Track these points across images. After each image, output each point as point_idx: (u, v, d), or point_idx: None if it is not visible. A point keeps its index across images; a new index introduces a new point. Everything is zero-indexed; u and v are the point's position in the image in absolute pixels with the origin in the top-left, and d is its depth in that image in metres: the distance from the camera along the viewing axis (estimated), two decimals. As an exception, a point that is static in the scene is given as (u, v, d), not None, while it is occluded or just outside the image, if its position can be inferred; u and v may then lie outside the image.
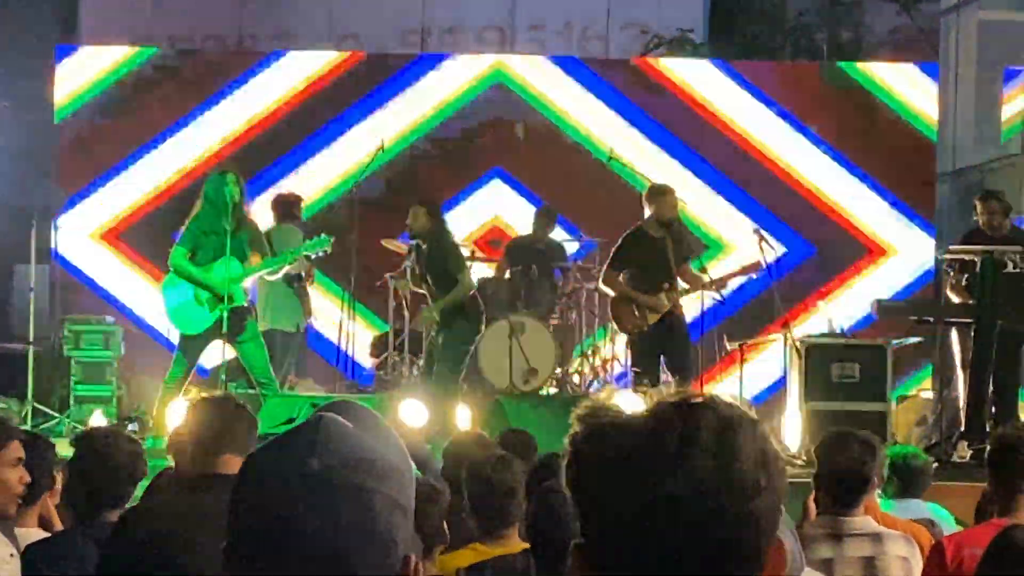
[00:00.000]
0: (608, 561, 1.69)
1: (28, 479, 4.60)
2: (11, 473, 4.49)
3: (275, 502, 1.76)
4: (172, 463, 6.67)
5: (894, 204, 14.80)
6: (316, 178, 14.72)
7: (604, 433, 1.73)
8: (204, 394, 5.02)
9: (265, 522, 1.76)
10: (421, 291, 11.82)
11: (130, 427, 11.20)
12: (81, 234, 14.83)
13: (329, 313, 13.74)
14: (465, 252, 12.29)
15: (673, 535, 1.65)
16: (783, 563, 1.71)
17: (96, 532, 4.63)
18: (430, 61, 15.61)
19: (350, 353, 13.18)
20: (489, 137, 15.12)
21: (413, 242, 11.80)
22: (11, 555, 4.27)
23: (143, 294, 14.39)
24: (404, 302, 12.61)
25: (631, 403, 8.74)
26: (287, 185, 14.07)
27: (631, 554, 1.67)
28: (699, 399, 1.72)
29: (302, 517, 1.74)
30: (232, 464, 4.04)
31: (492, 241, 14.39)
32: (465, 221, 14.29)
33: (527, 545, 4.40)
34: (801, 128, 14.83)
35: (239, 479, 1.84)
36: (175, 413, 10.57)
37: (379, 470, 1.79)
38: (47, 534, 4.95)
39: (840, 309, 13.41)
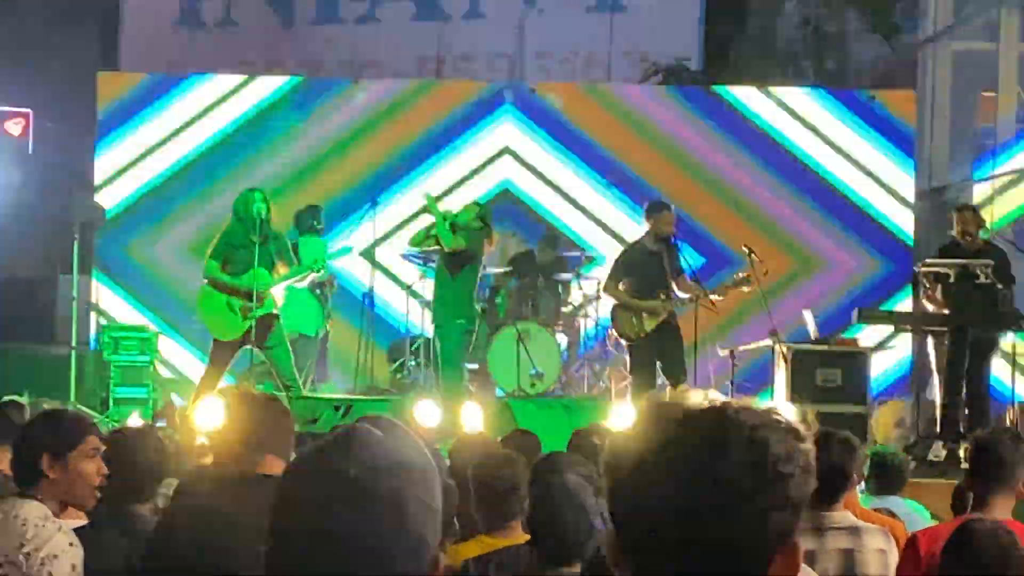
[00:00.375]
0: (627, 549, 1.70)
1: (105, 470, 4.58)
2: (89, 465, 4.47)
3: (315, 507, 1.79)
4: (199, 459, 6.68)
5: (875, 220, 14.84)
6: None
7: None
8: (253, 393, 4.99)
9: (306, 526, 1.79)
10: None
11: (158, 423, 11.24)
12: (119, 247, 14.85)
13: (350, 316, 13.75)
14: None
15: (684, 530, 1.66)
16: (795, 566, 1.69)
17: (122, 523, 4.64)
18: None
19: (368, 357, 13.20)
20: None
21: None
22: (70, 544, 4.27)
23: (177, 303, 14.40)
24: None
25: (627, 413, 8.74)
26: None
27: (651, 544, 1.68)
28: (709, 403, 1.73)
29: (341, 521, 1.76)
30: (272, 465, 4.06)
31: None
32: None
33: (528, 536, 4.41)
34: (810, 145, 14.87)
35: (281, 485, 1.87)
36: (206, 414, 10.61)
37: (411, 475, 1.82)
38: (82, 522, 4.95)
39: (824, 316, 13.40)
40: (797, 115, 15.03)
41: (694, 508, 1.65)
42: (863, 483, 6.73)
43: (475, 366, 12.35)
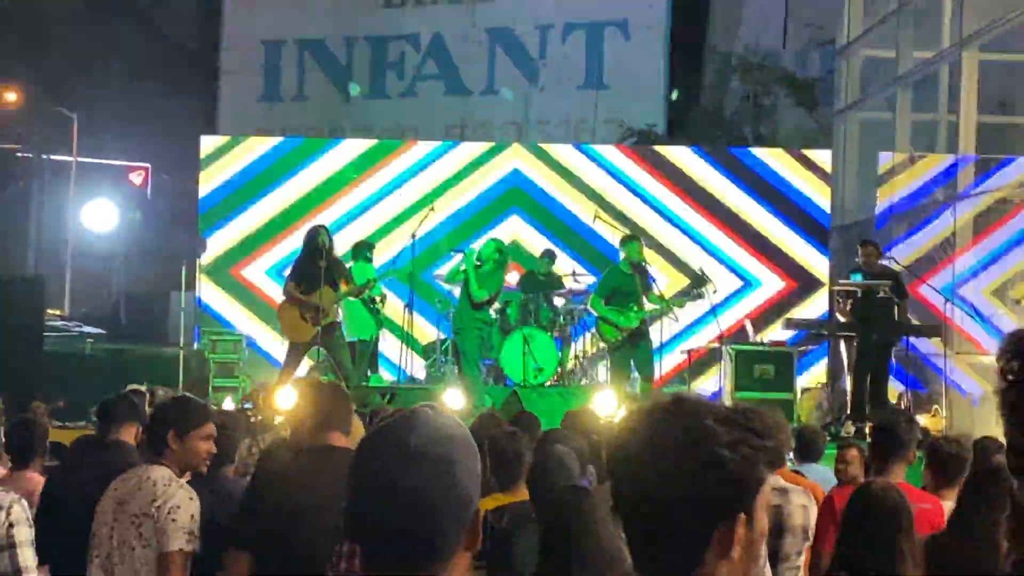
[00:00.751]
0: (625, 517, 1.70)
1: (214, 450, 4.62)
2: (203, 444, 4.49)
3: (385, 471, 1.76)
4: (278, 433, 6.67)
5: (800, 250, 14.84)
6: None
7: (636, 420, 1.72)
8: (321, 382, 5.00)
9: (378, 485, 1.76)
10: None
11: (246, 406, 11.25)
12: (216, 271, 14.85)
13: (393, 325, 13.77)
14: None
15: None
16: (763, 516, 1.69)
17: (210, 484, 4.64)
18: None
19: (408, 355, 13.19)
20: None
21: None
22: (190, 499, 4.28)
23: (260, 314, 14.44)
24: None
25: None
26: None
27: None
28: (685, 397, 1.72)
29: (405, 481, 1.75)
30: (337, 439, 4.04)
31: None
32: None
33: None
34: (750, 192, 14.86)
35: (357, 455, 1.83)
36: (284, 398, 10.61)
37: (457, 446, 1.79)
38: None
39: (760, 324, 13.40)
40: (740, 168, 15.01)
41: (683, 480, 1.64)
42: (790, 454, 6.74)
43: (490, 362, 12.36)
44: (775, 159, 15.16)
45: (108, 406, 5.45)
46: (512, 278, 12.68)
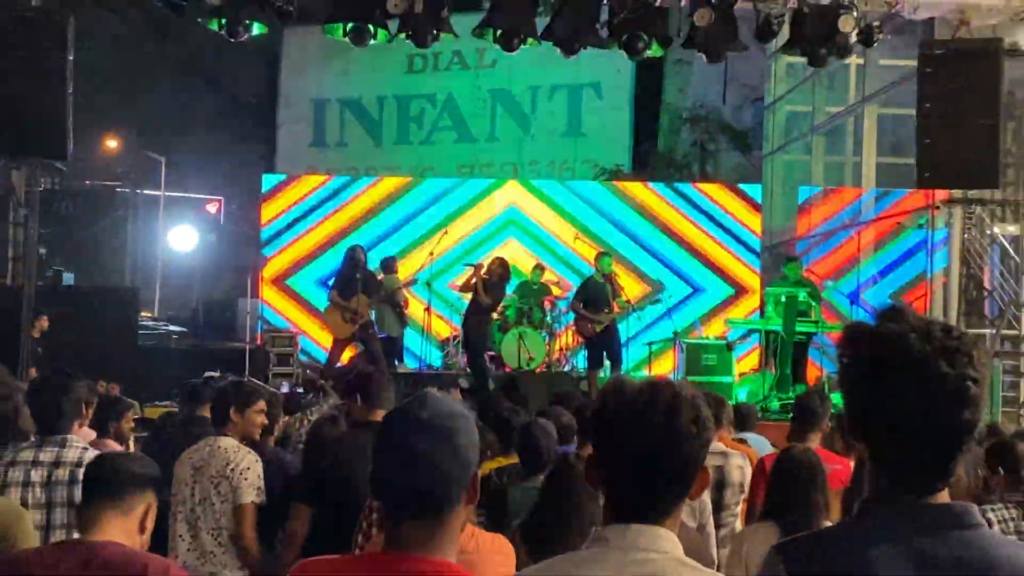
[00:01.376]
0: (609, 473, 1.68)
1: (266, 422, 4.61)
2: (258, 417, 4.48)
3: (402, 439, 1.76)
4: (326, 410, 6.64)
5: (735, 264, 14.83)
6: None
7: (620, 394, 1.71)
8: (367, 369, 4.97)
9: (396, 450, 1.76)
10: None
11: (298, 390, 11.22)
12: (275, 281, 14.86)
13: (414, 324, 13.76)
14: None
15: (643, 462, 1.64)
16: (706, 483, 1.70)
17: (259, 450, 4.60)
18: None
19: (427, 348, 13.19)
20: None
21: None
22: (255, 461, 4.28)
23: (309, 315, 14.41)
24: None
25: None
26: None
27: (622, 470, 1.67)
28: (663, 381, 1.71)
29: (417, 447, 1.74)
30: (379, 415, 4.03)
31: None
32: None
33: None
34: (698, 217, 14.81)
35: (381, 428, 1.83)
36: (331, 383, 10.60)
37: (459, 421, 1.79)
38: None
39: (706, 323, 13.40)
40: (690, 199, 15.01)
41: (660, 450, 1.64)
42: (730, 425, 6.73)
43: (492, 353, 12.35)
44: (717, 192, 15.19)
45: (193, 389, 5.43)
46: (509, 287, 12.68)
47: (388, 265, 12.86)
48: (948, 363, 1.48)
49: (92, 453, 3.49)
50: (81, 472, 3.39)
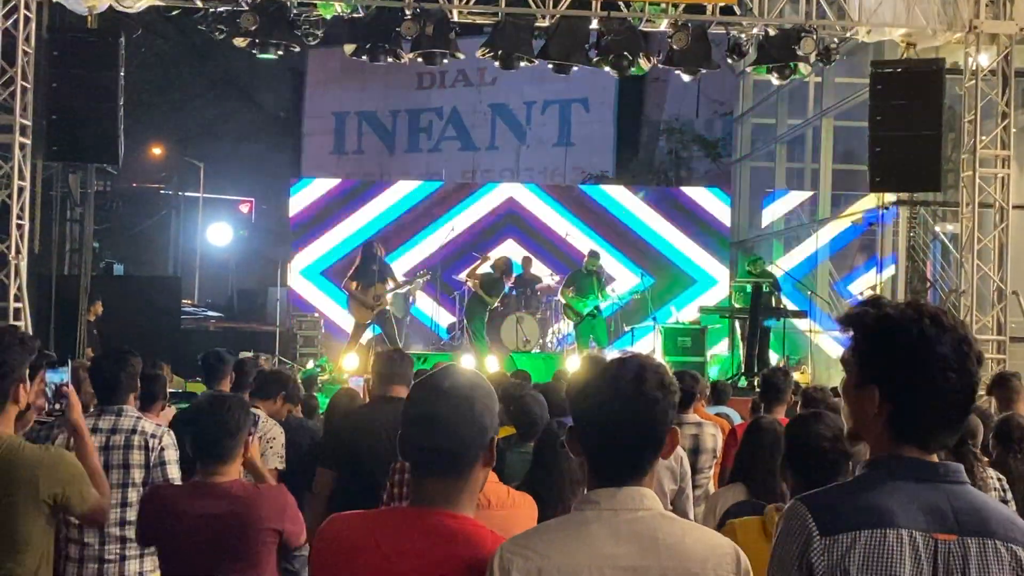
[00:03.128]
0: (587, 440, 1.66)
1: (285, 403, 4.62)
2: (277, 403, 4.51)
3: (427, 405, 1.74)
4: (345, 386, 6.63)
5: (708, 259, 14.83)
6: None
7: (593, 367, 1.69)
8: (388, 350, 4.93)
9: (421, 415, 1.73)
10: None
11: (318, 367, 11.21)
12: (302, 271, 14.81)
13: (425, 309, 13.73)
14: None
15: (616, 427, 1.62)
16: (676, 442, 1.68)
17: (281, 423, 4.58)
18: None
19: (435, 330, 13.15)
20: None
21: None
22: (281, 431, 4.27)
23: (332, 302, 14.40)
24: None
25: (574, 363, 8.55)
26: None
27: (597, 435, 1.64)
28: (629, 355, 1.69)
29: (440, 412, 1.72)
30: (399, 391, 3.92)
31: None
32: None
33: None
34: (673, 217, 14.80)
35: (409, 396, 1.79)
36: (350, 362, 10.61)
37: (477, 390, 1.76)
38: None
39: (681, 310, 13.40)
40: (666, 201, 14.98)
41: (630, 414, 1.62)
42: (704, 399, 6.72)
43: (493, 336, 12.33)
44: (690, 195, 15.16)
45: (211, 367, 5.31)
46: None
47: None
48: (952, 328, 1.51)
49: (144, 422, 3.48)
50: (136, 438, 3.40)
